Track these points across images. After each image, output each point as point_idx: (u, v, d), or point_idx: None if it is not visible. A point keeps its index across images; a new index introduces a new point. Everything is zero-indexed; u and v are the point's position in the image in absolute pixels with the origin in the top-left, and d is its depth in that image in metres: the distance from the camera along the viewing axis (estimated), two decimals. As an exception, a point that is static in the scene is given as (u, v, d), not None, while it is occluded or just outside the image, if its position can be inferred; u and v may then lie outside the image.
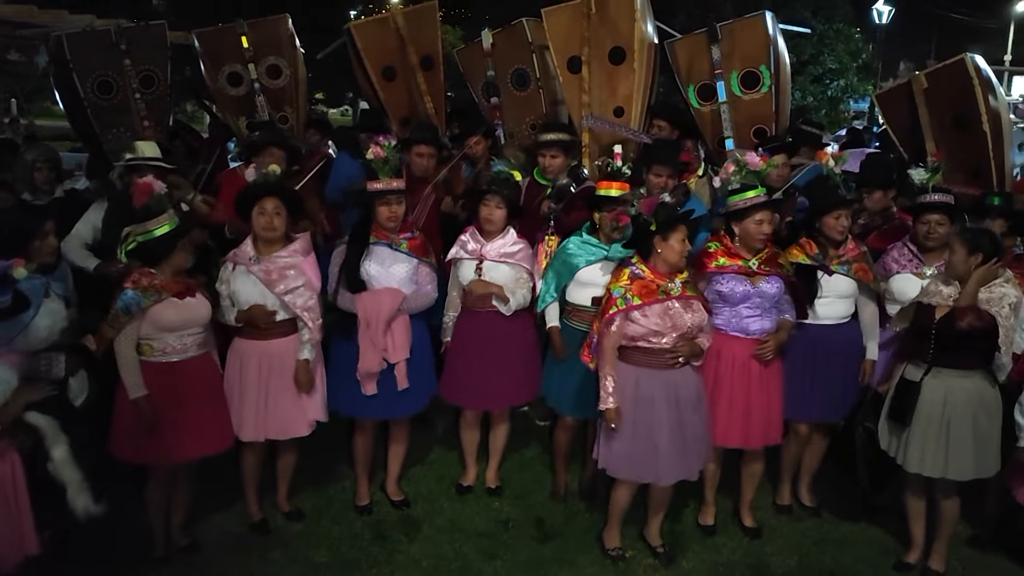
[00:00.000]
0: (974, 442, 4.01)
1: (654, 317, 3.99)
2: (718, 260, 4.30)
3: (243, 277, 4.23)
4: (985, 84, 5.31)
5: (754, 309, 4.30)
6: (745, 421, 4.34)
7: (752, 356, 4.30)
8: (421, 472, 5.26)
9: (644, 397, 4.04)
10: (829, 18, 15.19)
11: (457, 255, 4.69)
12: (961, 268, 3.98)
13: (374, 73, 6.37)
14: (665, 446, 4.05)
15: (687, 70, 5.98)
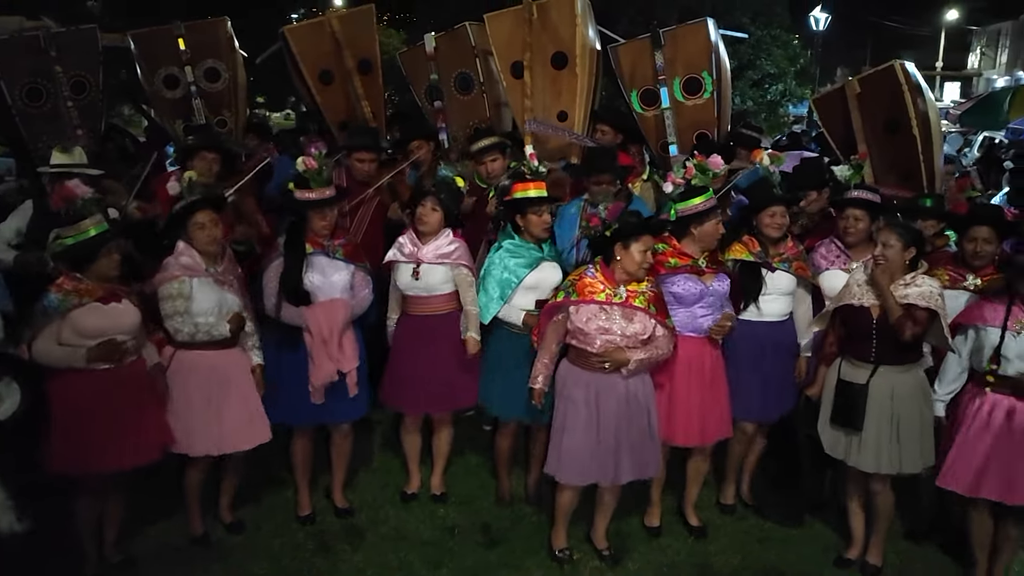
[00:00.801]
0: (920, 433, 4.13)
1: (584, 315, 4.03)
2: (669, 261, 4.34)
3: (204, 287, 4.14)
4: (914, 89, 5.44)
5: (707, 308, 4.35)
6: (702, 418, 4.40)
7: (705, 348, 4.35)
8: (365, 479, 5.19)
9: (567, 396, 4.10)
10: (767, 24, 15.54)
11: (394, 258, 4.65)
12: (897, 261, 4.06)
13: (310, 77, 6.31)
14: (580, 447, 4.08)
15: (630, 75, 6.02)
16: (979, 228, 4.36)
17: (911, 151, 5.36)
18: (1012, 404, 3.96)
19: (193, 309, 4.12)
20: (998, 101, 17.85)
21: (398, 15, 24.86)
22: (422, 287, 4.61)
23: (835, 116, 5.79)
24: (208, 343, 4.16)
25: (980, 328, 4.03)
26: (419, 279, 4.58)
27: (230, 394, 4.22)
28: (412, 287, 4.62)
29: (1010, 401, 3.97)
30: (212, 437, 4.20)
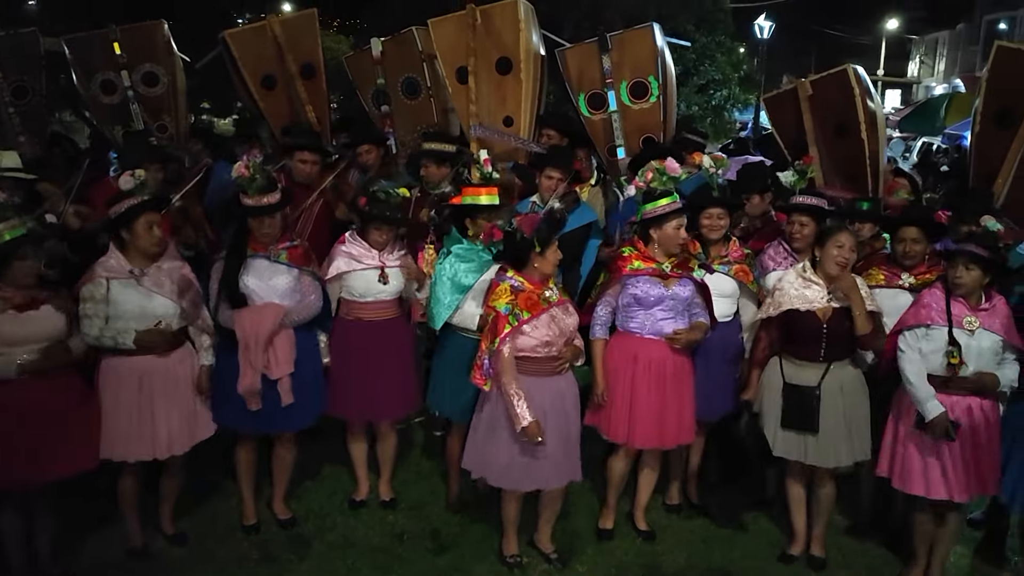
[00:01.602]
0: (865, 421, 4.25)
1: (544, 328, 4.02)
2: (632, 264, 4.36)
3: (128, 291, 4.04)
4: (865, 93, 5.55)
5: (667, 312, 4.38)
6: (660, 422, 4.40)
7: (667, 352, 4.38)
8: (312, 488, 5.13)
9: (536, 407, 4.01)
10: (711, 31, 15.80)
11: (350, 267, 4.58)
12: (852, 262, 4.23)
13: (252, 82, 6.23)
14: (556, 451, 4.07)
15: (578, 79, 6.05)
16: (908, 229, 4.47)
17: (859, 154, 5.46)
18: (968, 403, 4.03)
19: (112, 313, 4.03)
20: (935, 107, 18.39)
21: (347, 21, 24.71)
22: (390, 290, 4.61)
23: (785, 117, 5.87)
24: (134, 349, 4.07)
25: (931, 327, 4.05)
26: (388, 283, 4.57)
27: (162, 399, 4.13)
28: (375, 292, 4.59)
29: (965, 400, 4.04)
30: (145, 443, 4.10)
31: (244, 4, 20.04)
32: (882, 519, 4.79)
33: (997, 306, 4.05)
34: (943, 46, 47.35)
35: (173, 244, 4.32)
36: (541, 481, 4.16)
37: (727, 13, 17.02)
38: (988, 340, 3.99)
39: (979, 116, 5.31)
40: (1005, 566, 4.65)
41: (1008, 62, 5.16)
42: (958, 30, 44.50)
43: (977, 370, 4.00)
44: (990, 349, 3.99)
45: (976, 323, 3.99)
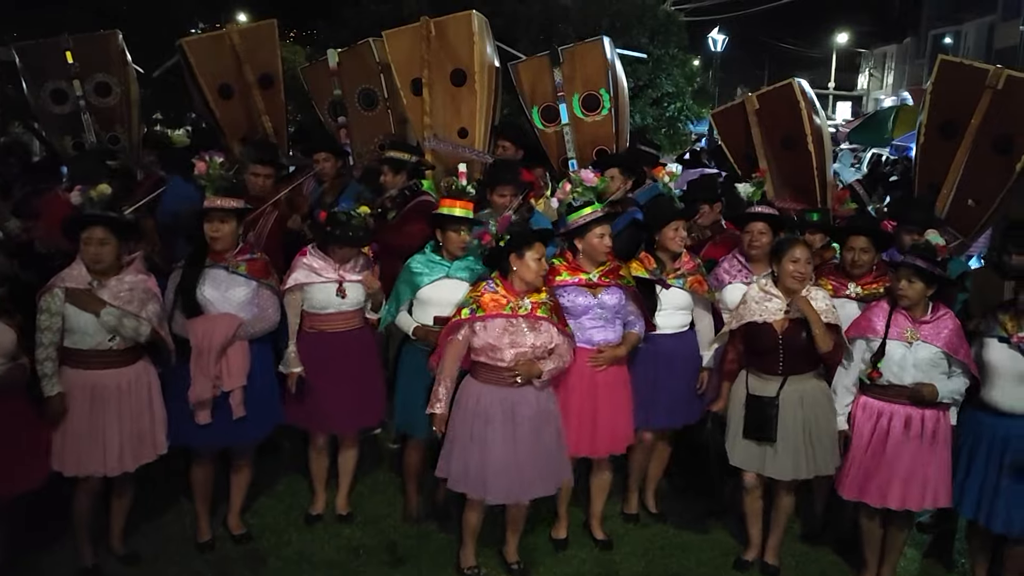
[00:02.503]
0: (829, 436, 4.29)
1: (493, 331, 4.02)
2: (561, 275, 4.39)
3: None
4: (810, 106, 5.68)
5: (596, 320, 4.40)
6: (592, 430, 4.43)
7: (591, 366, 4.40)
8: (268, 503, 5.07)
9: (482, 412, 4.05)
10: (665, 44, 15.99)
11: (308, 280, 4.55)
12: (809, 274, 4.29)
13: (209, 91, 6.20)
14: (498, 464, 4.05)
15: (531, 92, 6.12)
16: (856, 238, 4.56)
17: (807, 166, 5.58)
18: (909, 412, 4.13)
19: (67, 327, 3.97)
20: (883, 120, 18.83)
21: (303, 32, 24.57)
22: (349, 303, 4.59)
23: (734, 130, 5.98)
24: (89, 362, 4.01)
25: (871, 339, 4.18)
26: (347, 296, 4.55)
27: (115, 414, 4.06)
28: (335, 304, 4.57)
29: (906, 409, 4.13)
30: (97, 458, 4.04)
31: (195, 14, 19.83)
32: (834, 526, 4.87)
33: (943, 319, 4.13)
34: (891, 59, 48.62)
35: (140, 257, 4.25)
36: (481, 490, 4.11)
37: (680, 26, 17.24)
38: (925, 352, 4.08)
39: (923, 128, 5.46)
40: (953, 568, 4.75)
41: (951, 76, 5.32)
42: (905, 44, 45.72)
43: (915, 381, 4.09)
44: (927, 361, 4.08)
45: (916, 334, 4.08)
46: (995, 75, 5.06)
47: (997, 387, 4.10)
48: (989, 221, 5.42)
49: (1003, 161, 5.10)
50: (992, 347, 4.12)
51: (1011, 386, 4.07)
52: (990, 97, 5.07)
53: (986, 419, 4.16)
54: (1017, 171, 5.06)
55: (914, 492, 4.14)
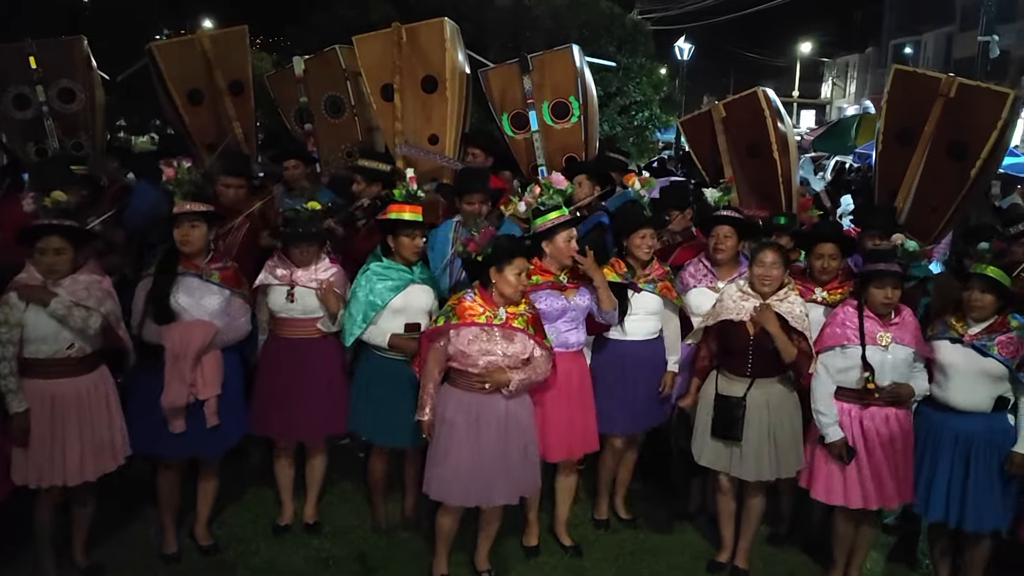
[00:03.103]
0: (793, 440, 4.34)
1: (465, 337, 4.03)
2: (532, 278, 4.39)
3: (42, 314, 3.90)
4: (775, 114, 5.75)
5: (570, 323, 4.44)
6: (569, 433, 4.46)
7: (573, 364, 4.43)
8: (235, 512, 5.01)
9: (451, 418, 4.07)
10: (633, 53, 16.17)
11: (266, 281, 4.55)
12: (779, 279, 4.33)
13: (178, 96, 6.14)
14: (464, 468, 4.06)
15: (500, 99, 6.14)
16: (825, 245, 4.63)
17: (772, 173, 5.65)
18: (885, 413, 4.20)
19: (26, 336, 3.90)
20: (846, 128, 19.14)
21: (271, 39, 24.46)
22: (299, 309, 4.54)
23: (701, 138, 6.04)
24: (48, 371, 3.95)
25: (847, 347, 4.22)
26: (295, 301, 4.51)
27: (74, 423, 4.00)
28: (287, 309, 4.54)
29: (883, 410, 4.21)
30: (57, 468, 3.98)
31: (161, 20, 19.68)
32: (802, 527, 4.93)
33: (906, 319, 4.24)
34: (854, 68, 49.45)
35: (95, 260, 4.20)
36: (478, 499, 4.13)
37: (648, 36, 17.45)
38: (901, 353, 4.18)
39: (881, 136, 5.55)
40: (917, 568, 4.83)
41: (905, 84, 5.41)
42: (867, 53, 46.54)
43: (892, 382, 4.18)
44: (904, 361, 4.18)
45: (888, 338, 4.17)
46: (947, 83, 5.17)
47: (954, 387, 4.19)
48: (948, 226, 5.52)
49: (958, 167, 5.19)
50: (945, 348, 4.22)
51: (967, 384, 4.16)
52: (943, 105, 5.16)
53: (946, 420, 4.24)
54: (971, 177, 5.15)
55: (881, 491, 4.22)
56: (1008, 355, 4.06)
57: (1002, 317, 4.15)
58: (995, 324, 4.14)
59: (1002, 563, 4.44)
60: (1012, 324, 4.14)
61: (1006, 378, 4.11)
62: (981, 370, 4.12)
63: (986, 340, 4.11)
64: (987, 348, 4.09)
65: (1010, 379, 4.11)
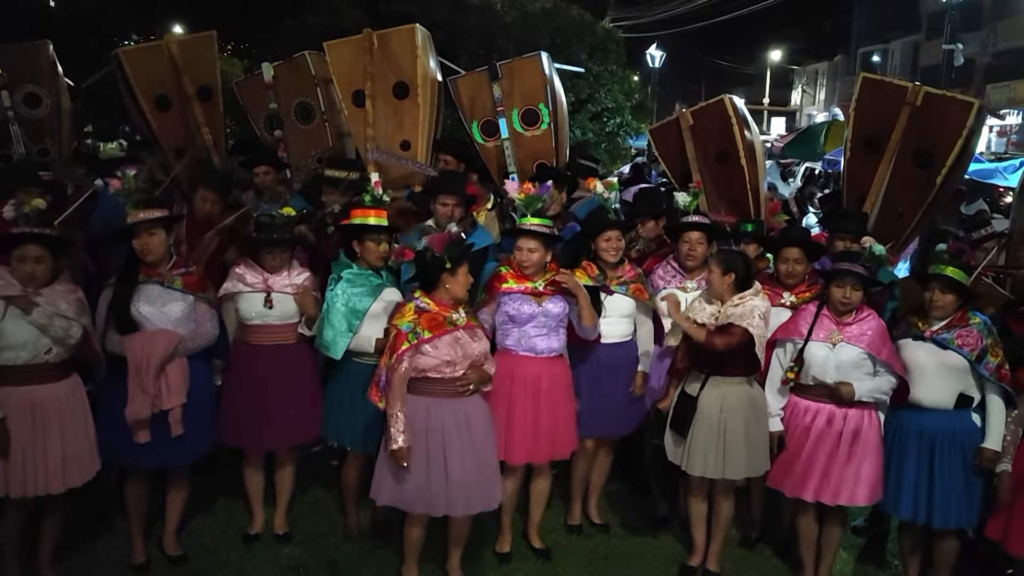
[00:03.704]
0: (746, 443, 4.36)
1: (445, 348, 4.02)
2: (507, 282, 4.43)
3: (19, 320, 3.85)
4: (741, 122, 5.80)
5: (540, 328, 4.44)
6: (535, 437, 4.46)
7: (542, 368, 4.44)
8: (204, 522, 4.96)
9: (435, 427, 4.03)
10: (604, 60, 16.28)
11: (235, 289, 4.50)
12: (718, 287, 4.35)
13: (145, 102, 6.09)
14: (458, 475, 4.04)
15: (471, 107, 6.15)
16: (790, 250, 4.69)
17: (740, 180, 5.69)
18: (832, 410, 4.27)
19: (3, 344, 3.85)
20: (814, 134, 19.39)
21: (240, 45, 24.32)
22: (276, 315, 4.52)
23: (670, 145, 6.09)
24: (27, 377, 3.89)
25: (797, 341, 4.32)
26: (273, 307, 4.49)
27: (56, 430, 3.95)
28: (263, 316, 4.51)
29: (829, 407, 4.28)
30: (40, 477, 3.92)
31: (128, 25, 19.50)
32: (772, 530, 4.97)
33: (866, 320, 4.28)
34: (823, 76, 50.14)
35: (67, 270, 4.15)
36: (444, 506, 4.10)
37: (619, 43, 17.57)
38: (849, 353, 4.23)
39: (849, 143, 5.63)
40: (886, 568, 4.89)
41: (873, 92, 5.49)
42: (836, 61, 47.21)
43: (836, 381, 4.24)
44: (849, 362, 4.24)
45: (840, 337, 4.23)
46: (913, 92, 5.24)
47: (919, 384, 4.26)
48: (914, 232, 5.60)
49: (924, 174, 5.27)
50: (909, 346, 4.29)
51: (930, 380, 4.24)
52: (909, 113, 5.24)
53: (911, 417, 4.31)
54: (937, 184, 5.23)
55: (843, 488, 4.27)
56: (967, 348, 4.14)
57: (962, 313, 4.24)
58: (955, 320, 4.22)
59: (971, 562, 4.50)
60: (972, 320, 4.22)
61: (967, 372, 4.18)
62: (942, 364, 4.20)
63: (946, 334, 4.19)
64: (947, 342, 4.18)
65: (972, 374, 4.19)
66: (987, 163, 14.84)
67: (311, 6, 16.39)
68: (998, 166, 14.46)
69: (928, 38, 34.78)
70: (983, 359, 4.14)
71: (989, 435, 4.17)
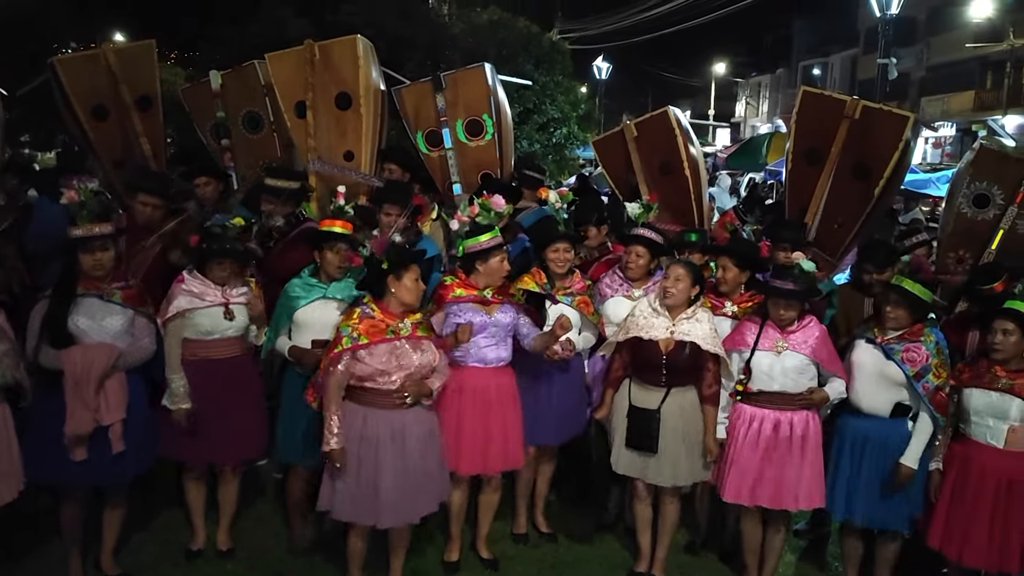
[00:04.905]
0: (699, 448, 4.43)
1: (380, 356, 3.99)
2: (455, 292, 4.43)
3: None
4: (684, 134, 5.90)
5: (490, 339, 4.45)
6: (485, 448, 4.45)
7: (491, 379, 4.44)
8: (144, 539, 4.84)
9: (370, 436, 4.01)
10: (550, 71, 16.43)
11: (192, 306, 4.40)
12: (683, 297, 4.40)
13: (82, 112, 5.97)
14: (389, 487, 4.02)
15: (415, 117, 6.16)
16: (721, 258, 4.80)
17: (684, 190, 5.78)
18: (777, 416, 4.34)
19: None
20: (757, 146, 19.75)
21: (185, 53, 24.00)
22: (234, 327, 4.47)
23: (614, 156, 6.15)
24: None
25: (744, 351, 4.40)
26: (234, 319, 4.45)
27: None
28: (221, 329, 4.45)
29: (775, 413, 4.34)
30: None
31: (66, 33, 19.08)
32: (717, 535, 5.03)
33: (809, 327, 4.37)
34: (766, 88, 51.21)
35: None
36: (373, 517, 4.07)
37: (565, 55, 17.75)
38: (793, 360, 4.32)
39: (791, 155, 5.74)
40: (827, 570, 4.98)
41: (813, 105, 5.61)
42: (778, 74, 48.29)
43: (782, 387, 4.32)
44: (794, 368, 4.32)
45: (784, 345, 4.32)
46: (851, 105, 5.37)
47: (859, 388, 4.36)
48: (854, 242, 5.73)
49: (862, 186, 5.40)
50: (859, 347, 4.40)
51: (869, 385, 4.33)
52: (847, 126, 5.36)
53: (850, 420, 4.41)
54: (875, 195, 5.37)
55: (788, 492, 4.34)
56: (909, 363, 4.22)
57: (919, 327, 4.31)
58: (908, 332, 4.30)
59: (912, 563, 4.59)
60: (926, 337, 4.28)
61: (904, 385, 4.28)
62: (882, 373, 4.29)
63: (895, 345, 4.28)
64: (893, 352, 4.27)
65: (909, 388, 4.28)
66: (922, 174, 15.25)
67: (256, 16, 16.23)
68: (931, 176, 14.86)
69: (866, 52, 35.75)
70: (923, 377, 4.22)
71: (908, 452, 4.25)
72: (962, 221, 5.36)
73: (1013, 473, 4.06)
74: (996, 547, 4.06)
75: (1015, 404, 4.03)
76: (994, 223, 5.23)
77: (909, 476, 4.22)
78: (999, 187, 5.21)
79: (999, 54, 29.44)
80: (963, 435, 4.23)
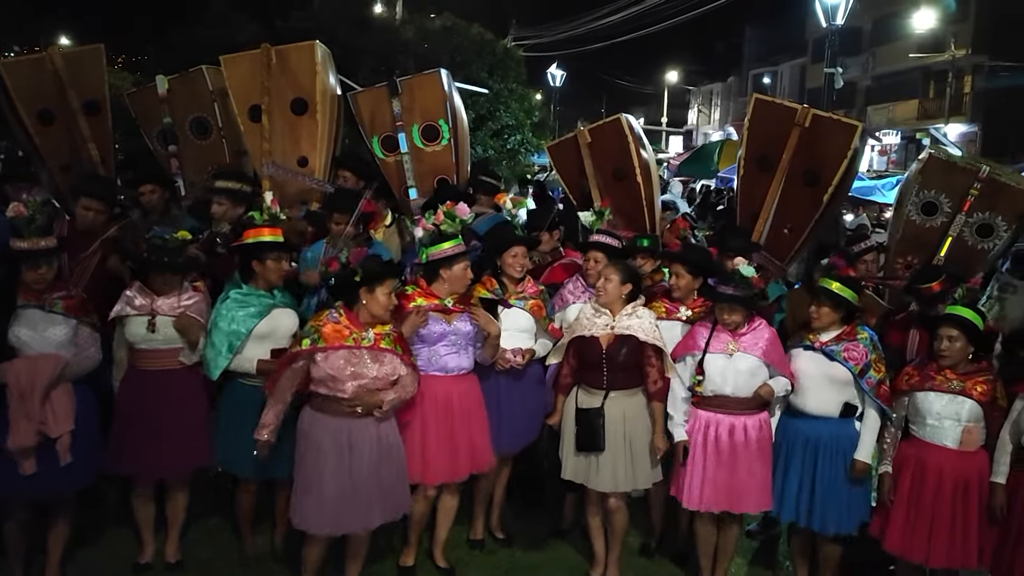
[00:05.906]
0: (650, 451, 4.46)
1: (335, 362, 3.97)
2: (416, 301, 4.41)
3: None
4: (636, 140, 5.95)
5: (450, 347, 4.45)
6: (452, 455, 4.45)
7: (452, 386, 4.44)
8: (90, 553, 4.72)
9: (314, 440, 4.00)
10: (504, 78, 16.48)
11: (123, 312, 4.36)
12: (614, 294, 4.44)
13: (27, 116, 5.83)
14: (332, 495, 3.99)
15: (370, 122, 6.13)
16: (674, 264, 4.86)
17: (636, 196, 5.83)
18: (731, 421, 4.39)
19: None
20: (709, 153, 20.03)
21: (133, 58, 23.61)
22: (161, 339, 4.37)
23: (568, 162, 6.18)
24: None
25: (696, 355, 4.44)
26: (156, 331, 4.34)
27: None
28: (148, 340, 4.36)
29: (729, 418, 4.39)
30: None
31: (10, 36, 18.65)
32: (671, 538, 5.08)
33: (759, 330, 4.45)
34: (717, 96, 51.98)
35: None
36: (352, 525, 4.07)
37: (519, 61, 17.81)
38: (745, 362, 4.38)
39: (743, 162, 5.82)
40: (778, 570, 5.05)
41: (764, 113, 5.69)
42: (729, 83, 49.07)
43: (735, 389, 4.38)
44: (747, 371, 4.38)
45: (735, 347, 4.38)
46: (802, 114, 5.46)
47: (806, 392, 4.44)
48: (803, 247, 5.84)
49: (812, 192, 5.49)
50: (799, 356, 4.48)
51: (816, 389, 4.42)
52: (798, 134, 5.46)
53: (799, 424, 4.49)
54: (824, 202, 5.47)
55: (743, 496, 4.40)
56: (852, 361, 4.33)
57: (851, 327, 4.43)
58: (844, 333, 4.41)
59: (859, 563, 4.68)
60: (860, 335, 4.41)
61: (851, 384, 4.37)
62: (828, 375, 4.38)
63: (835, 346, 4.38)
64: (834, 354, 4.36)
65: (855, 386, 4.38)
66: (868, 180, 15.62)
67: (205, 20, 16.03)
68: (877, 183, 15.26)
69: (814, 61, 36.50)
70: (866, 373, 4.33)
71: (860, 447, 4.37)
72: (911, 228, 5.47)
73: (969, 473, 4.19)
74: (958, 546, 4.17)
75: (967, 405, 4.16)
76: (942, 230, 5.34)
77: (864, 471, 4.34)
78: (947, 195, 5.32)
79: (941, 64, 30.30)
80: (914, 437, 4.33)
